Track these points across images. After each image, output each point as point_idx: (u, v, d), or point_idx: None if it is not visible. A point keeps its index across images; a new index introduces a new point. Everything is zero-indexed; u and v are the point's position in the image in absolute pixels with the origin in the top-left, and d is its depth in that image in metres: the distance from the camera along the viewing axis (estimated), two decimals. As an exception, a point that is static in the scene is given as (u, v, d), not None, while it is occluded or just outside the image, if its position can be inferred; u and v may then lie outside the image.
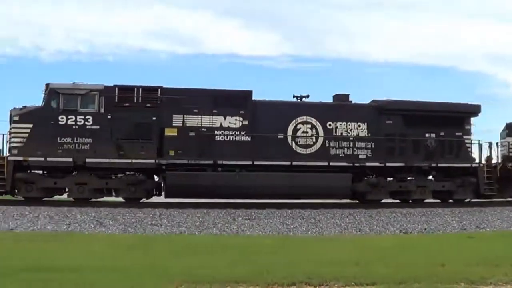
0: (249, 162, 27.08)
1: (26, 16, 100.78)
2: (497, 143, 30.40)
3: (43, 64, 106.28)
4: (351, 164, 27.92)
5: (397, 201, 29.21)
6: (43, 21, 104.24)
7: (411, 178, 28.79)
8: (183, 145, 26.86)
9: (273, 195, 27.31)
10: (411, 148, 28.96)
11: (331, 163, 27.74)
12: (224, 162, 27.07)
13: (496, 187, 29.00)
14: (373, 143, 28.56)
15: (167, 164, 26.62)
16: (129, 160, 26.23)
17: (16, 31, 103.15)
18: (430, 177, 29.32)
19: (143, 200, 27.21)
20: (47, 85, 26.58)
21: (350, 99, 29.86)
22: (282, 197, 27.54)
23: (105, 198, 27.36)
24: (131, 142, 26.57)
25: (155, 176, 27.41)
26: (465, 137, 29.38)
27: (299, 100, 29.45)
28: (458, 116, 29.49)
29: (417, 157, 28.80)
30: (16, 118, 25.87)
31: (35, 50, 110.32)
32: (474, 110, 29.88)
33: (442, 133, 29.16)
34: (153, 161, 26.50)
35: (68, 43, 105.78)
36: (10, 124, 26.30)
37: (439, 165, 28.73)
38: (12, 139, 26.07)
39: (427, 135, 29.04)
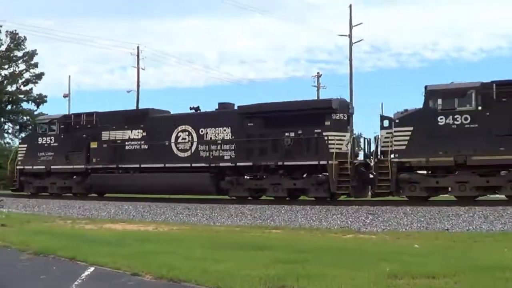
0: (144, 165, 33.88)
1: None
2: (375, 138, 29.46)
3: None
4: (208, 165, 31.84)
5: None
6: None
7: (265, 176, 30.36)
8: (100, 154, 35.76)
9: (157, 191, 34.06)
10: (270, 148, 30.47)
11: (193, 164, 32.26)
12: (123, 166, 34.75)
13: (352, 185, 28.08)
14: (235, 145, 31.45)
15: (91, 168, 35.94)
16: (71, 166, 36.73)
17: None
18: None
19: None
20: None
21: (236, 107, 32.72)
22: (163, 193, 34.11)
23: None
24: (74, 153, 36.76)
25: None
26: (324, 133, 28.92)
27: (189, 112, 34.78)
28: (316, 113, 29.31)
29: (276, 156, 29.98)
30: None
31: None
32: (328, 105, 29.34)
33: (300, 132, 29.66)
34: (83, 166, 36.17)
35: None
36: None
37: (285, 163, 29.60)
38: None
39: (286, 134, 29.92)
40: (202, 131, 32.60)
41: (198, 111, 34.56)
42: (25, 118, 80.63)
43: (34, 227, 21.22)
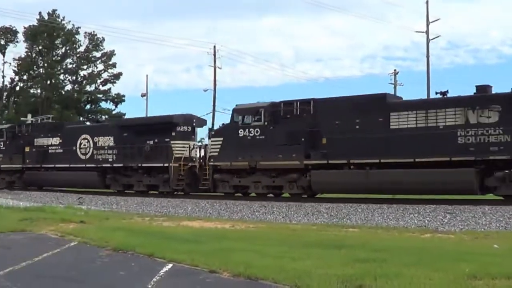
0: (59, 165, 43.78)
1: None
2: (205, 145, 38.99)
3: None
4: (96, 165, 41.62)
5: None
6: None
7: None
8: (31, 157, 45.91)
9: (68, 185, 43.98)
10: (137, 153, 39.35)
11: (87, 165, 42.04)
12: (46, 165, 44.68)
13: (185, 183, 37.22)
14: (116, 150, 40.98)
15: (26, 167, 46.36)
16: (13, 165, 46.90)
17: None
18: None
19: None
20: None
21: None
22: (72, 186, 43.47)
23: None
24: (15, 155, 46.83)
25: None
26: (171, 142, 37.88)
27: (88, 124, 50.57)
28: (166, 126, 38.34)
29: (140, 159, 38.90)
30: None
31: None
32: (172, 120, 38.67)
33: (156, 140, 38.75)
34: (20, 165, 46.55)
35: None
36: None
37: (143, 164, 38.72)
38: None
39: (148, 142, 38.93)
40: (96, 139, 42.42)
41: (94, 123, 49.10)
42: (103, 117, 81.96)
43: (113, 224, 21.49)
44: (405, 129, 28.34)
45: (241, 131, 33.21)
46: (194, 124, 39.75)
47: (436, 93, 29.50)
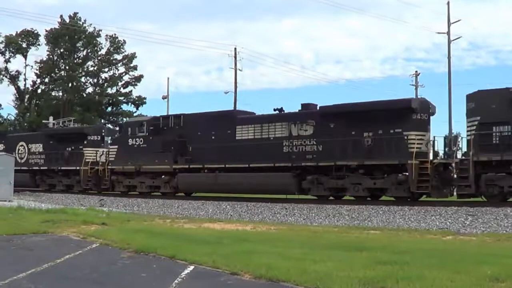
0: None
1: None
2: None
3: None
4: (28, 168, 49.29)
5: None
6: None
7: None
8: None
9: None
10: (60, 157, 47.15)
11: (22, 168, 47.65)
12: None
13: (92, 183, 44.26)
14: (44, 155, 48.98)
15: None
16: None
17: None
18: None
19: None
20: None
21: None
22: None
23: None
24: None
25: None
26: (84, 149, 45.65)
27: (24, 133, 57.23)
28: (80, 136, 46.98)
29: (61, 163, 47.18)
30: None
31: None
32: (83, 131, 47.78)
33: (73, 147, 46.77)
34: None
35: None
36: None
37: (63, 168, 46.71)
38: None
39: (68, 149, 47.19)
40: (30, 146, 50.84)
41: (29, 133, 56.44)
42: (125, 119, 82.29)
43: (134, 226, 21.56)
44: (246, 140, 34.40)
45: (130, 141, 40.61)
46: (103, 134, 47.69)
47: (274, 109, 34.90)
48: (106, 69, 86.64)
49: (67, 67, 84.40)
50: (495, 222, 22.93)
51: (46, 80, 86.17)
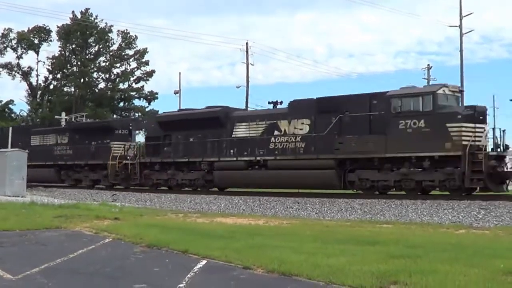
0: None
1: None
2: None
3: None
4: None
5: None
6: None
7: None
8: None
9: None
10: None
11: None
12: None
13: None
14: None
15: None
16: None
17: None
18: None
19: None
20: None
21: None
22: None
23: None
24: None
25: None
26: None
27: None
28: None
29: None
30: None
31: None
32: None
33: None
34: None
35: None
36: None
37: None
38: None
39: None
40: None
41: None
42: (136, 114, 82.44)
43: (147, 221, 21.60)
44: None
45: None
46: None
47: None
48: (118, 65, 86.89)
49: (79, 63, 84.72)
50: (508, 215, 22.86)
51: (58, 76, 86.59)
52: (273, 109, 36.65)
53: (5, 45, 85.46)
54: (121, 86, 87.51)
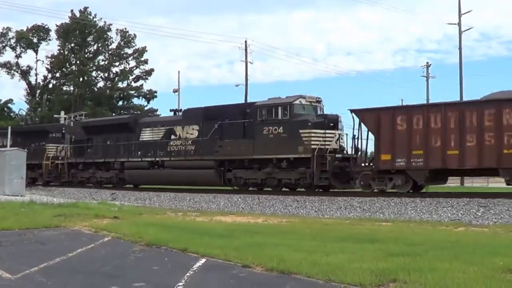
0: None
1: None
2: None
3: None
4: None
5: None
6: None
7: None
8: None
9: None
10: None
11: None
12: None
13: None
14: None
15: None
16: None
17: None
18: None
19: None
20: None
21: None
22: None
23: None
24: None
25: None
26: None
27: None
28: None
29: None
30: None
31: None
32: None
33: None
34: None
35: None
36: None
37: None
38: None
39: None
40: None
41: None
42: (135, 113, 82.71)
43: (146, 219, 21.60)
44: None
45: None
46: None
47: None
48: (117, 63, 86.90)
49: (78, 62, 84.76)
50: (507, 213, 22.90)
51: (57, 74, 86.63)
52: (171, 116, 42.81)
53: (4, 44, 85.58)
54: (120, 85, 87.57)
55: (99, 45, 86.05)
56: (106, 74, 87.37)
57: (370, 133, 30.73)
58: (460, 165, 27.47)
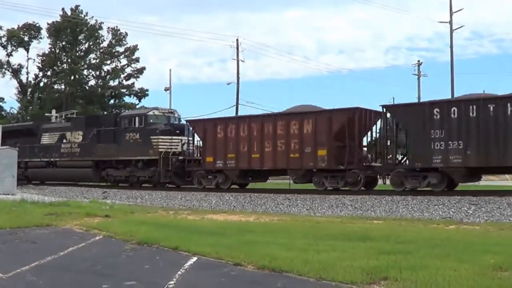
0: None
1: None
2: None
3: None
4: None
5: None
6: None
7: None
8: None
9: None
10: None
11: None
12: None
13: None
14: None
15: None
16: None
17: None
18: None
19: None
20: None
21: None
22: None
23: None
24: None
25: None
26: None
27: None
28: None
29: None
30: None
31: None
32: None
33: None
34: None
35: None
36: None
37: None
38: None
39: None
40: None
41: None
42: (127, 111, 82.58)
43: (137, 218, 21.56)
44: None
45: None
46: None
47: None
48: (108, 62, 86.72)
49: (69, 60, 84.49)
50: (498, 211, 22.96)
51: (48, 73, 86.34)
52: (64, 122, 49.77)
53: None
54: (111, 83, 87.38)
55: (91, 43, 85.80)
56: (98, 73, 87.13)
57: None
58: (261, 166, 34.01)
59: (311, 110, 33.49)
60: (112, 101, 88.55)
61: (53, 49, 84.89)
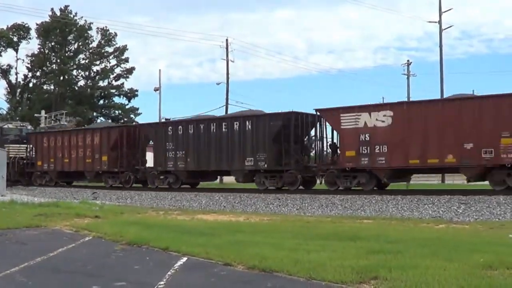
0: None
1: None
2: None
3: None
4: None
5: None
6: None
7: None
8: None
9: None
10: None
11: None
12: None
13: None
14: None
15: None
16: None
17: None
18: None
19: None
20: None
21: None
22: None
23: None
24: None
25: None
26: None
27: None
28: None
29: None
30: None
31: None
32: None
33: None
34: None
35: None
36: None
37: None
38: None
39: None
40: None
41: None
42: (117, 112, 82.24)
43: (127, 218, 21.56)
44: None
45: None
46: None
47: None
48: (98, 62, 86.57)
49: (58, 60, 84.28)
50: (487, 210, 23.01)
51: (38, 73, 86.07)
52: None
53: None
54: (101, 83, 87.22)
55: (80, 43, 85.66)
56: (87, 73, 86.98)
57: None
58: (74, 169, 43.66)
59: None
60: (101, 102, 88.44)
61: (42, 50, 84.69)
